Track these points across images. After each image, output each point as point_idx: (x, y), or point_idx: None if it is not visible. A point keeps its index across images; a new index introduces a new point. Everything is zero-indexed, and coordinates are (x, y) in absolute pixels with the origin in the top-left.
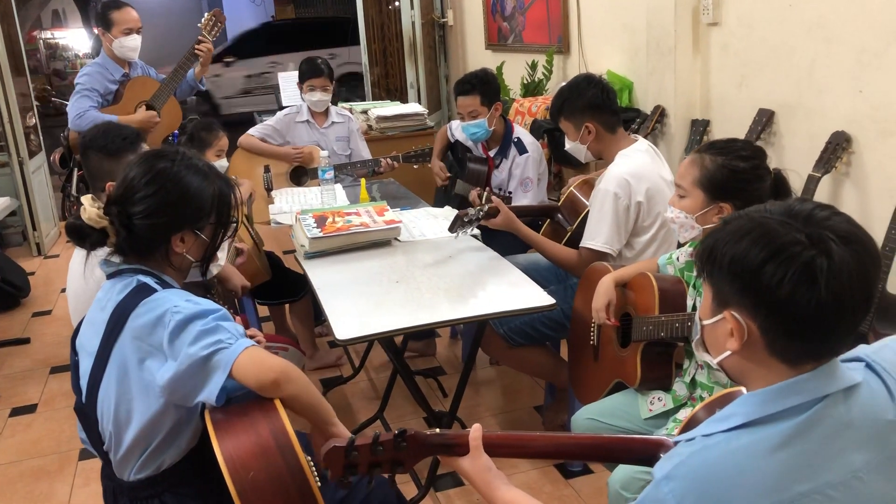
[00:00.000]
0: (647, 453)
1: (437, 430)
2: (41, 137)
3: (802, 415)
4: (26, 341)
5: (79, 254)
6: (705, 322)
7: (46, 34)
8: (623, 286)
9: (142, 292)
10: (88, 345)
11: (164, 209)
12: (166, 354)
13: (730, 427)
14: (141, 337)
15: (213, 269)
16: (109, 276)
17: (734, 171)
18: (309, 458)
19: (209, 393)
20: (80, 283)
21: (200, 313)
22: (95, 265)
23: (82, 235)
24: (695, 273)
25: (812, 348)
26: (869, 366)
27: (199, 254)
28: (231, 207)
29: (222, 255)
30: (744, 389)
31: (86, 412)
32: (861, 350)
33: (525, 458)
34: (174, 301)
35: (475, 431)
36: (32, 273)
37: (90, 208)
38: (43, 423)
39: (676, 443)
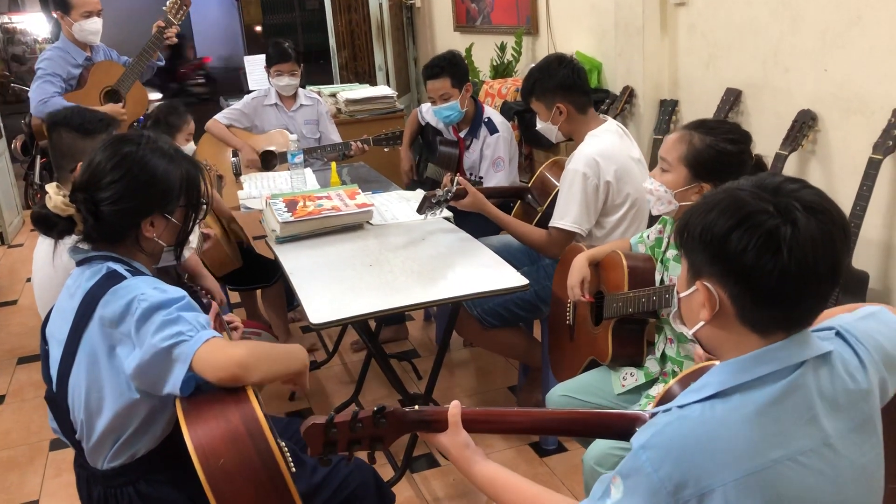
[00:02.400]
0: (623, 427)
1: (416, 406)
2: (0, 125)
3: (776, 383)
4: None
5: (44, 242)
6: (681, 294)
7: (3, 18)
8: (596, 265)
9: (111, 279)
10: (58, 333)
11: (132, 194)
12: (134, 342)
13: (704, 397)
14: (110, 324)
15: (186, 253)
16: (79, 264)
17: (721, 153)
18: (283, 443)
19: (172, 385)
20: (48, 272)
21: (165, 302)
22: (63, 252)
23: (49, 224)
24: (662, 248)
25: (781, 317)
26: (840, 334)
27: (171, 238)
28: (200, 189)
29: (194, 238)
30: (716, 363)
31: (56, 401)
32: (837, 320)
33: (503, 434)
34: (142, 288)
35: (454, 408)
36: None
37: (55, 196)
38: (11, 414)
39: (653, 415)
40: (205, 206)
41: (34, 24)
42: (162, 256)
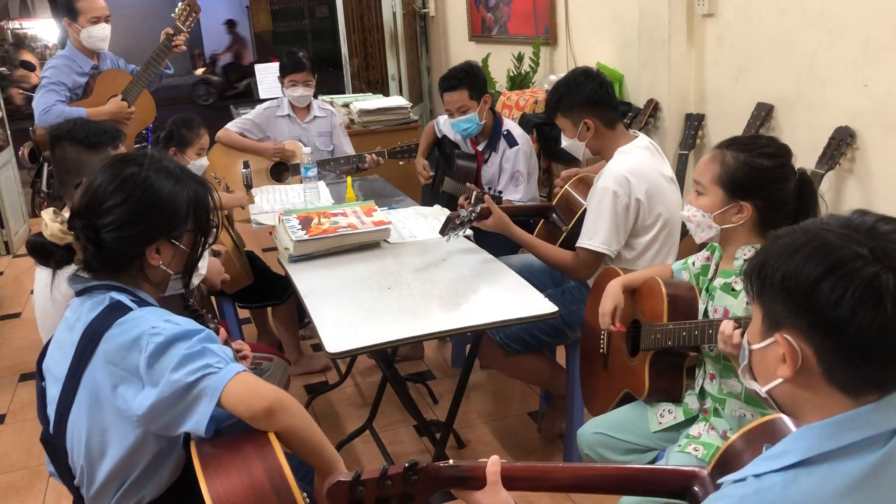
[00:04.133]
0: (679, 486)
1: (451, 461)
2: (8, 131)
3: (872, 454)
4: None
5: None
6: (754, 346)
7: (14, 24)
8: (633, 292)
9: (115, 311)
10: (56, 369)
11: (136, 219)
12: (143, 380)
13: (784, 465)
14: (115, 361)
15: (195, 280)
16: (78, 294)
17: (757, 169)
18: (305, 494)
19: (197, 423)
20: (48, 302)
21: (183, 335)
22: (61, 282)
23: (45, 253)
24: (709, 276)
25: (876, 376)
26: None
27: (178, 265)
28: (209, 211)
29: (203, 264)
30: (784, 417)
31: (54, 444)
32: None
33: (545, 492)
34: (152, 321)
35: (493, 465)
36: (1, 273)
37: (52, 224)
38: (11, 434)
39: (719, 483)
40: (215, 230)
41: (45, 30)
42: (169, 285)
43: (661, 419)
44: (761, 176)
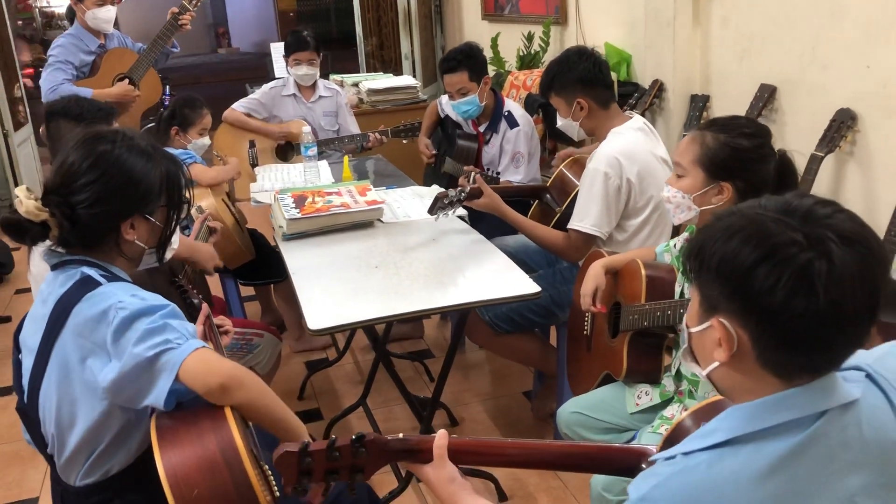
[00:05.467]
0: (627, 464)
1: (400, 434)
2: (27, 108)
3: (795, 435)
4: (7, 320)
5: None
6: (692, 329)
7: (42, 1)
8: (615, 274)
9: (85, 285)
10: (30, 341)
11: (110, 195)
12: (110, 353)
13: (712, 444)
14: (83, 334)
15: (168, 254)
16: (53, 268)
17: (736, 150)
18: (267, 466)
19: (156, 397)
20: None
21: (147, 310)
22: (37, 257)
23: (20, 230)
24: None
25: (809, 361)
26: (870, 377)
27: (152, 240)
28: (182, 188)
29: (175, 238)
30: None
31: (28, 413)
32: (861, 358)
33: (495, 467)
34: (119, 296)
35: (440, 439)
36: (17, 248)
37: (27, 201)
38: None
39: (652, 460)
40: (187, 205)
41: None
42: (143, 259)
43: (639, 400)
44: (741, 156)
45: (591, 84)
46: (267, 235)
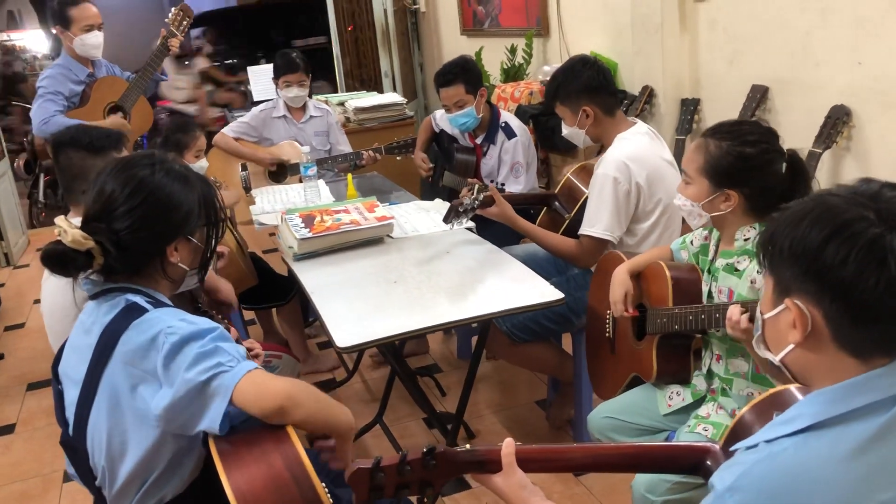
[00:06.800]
0: (692, 461)
1: (468, 446)
2: (3, 144)
3: (881, 416)
4: (0, 357)
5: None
6: (766, 315)
7: (3, 36)
8: (637, 276)
9: (132, 313)
10: (73, 373)
11: (154, 220)
12: (161, 380)
13: (795, 430)
14: (133, 362)
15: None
16: (92, 297)
17: (741, 157)
18: (324, 485)
19: (210, 421)
20: (59, 309)
21: (197, 334)
22: (77, 285)
23: (65, 261)
24: (709, 257)
25: (883, 338)
26: None
27: (194, 261)
28: (217, 207)
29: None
30: (792, 388)
31: (74, 446)
32: None
33: (561, 472)
34: (168, 321)
35: (507, 447)
36: (2, 285)
37: (72, 230)
38: (23, 443)
39: (731, 450)
40: (223, 223)
41: (33, 41)
42: (185, 281)
43: (671, 401)
44: (745, 164)
45: (596, 92)
46: (268, 260)
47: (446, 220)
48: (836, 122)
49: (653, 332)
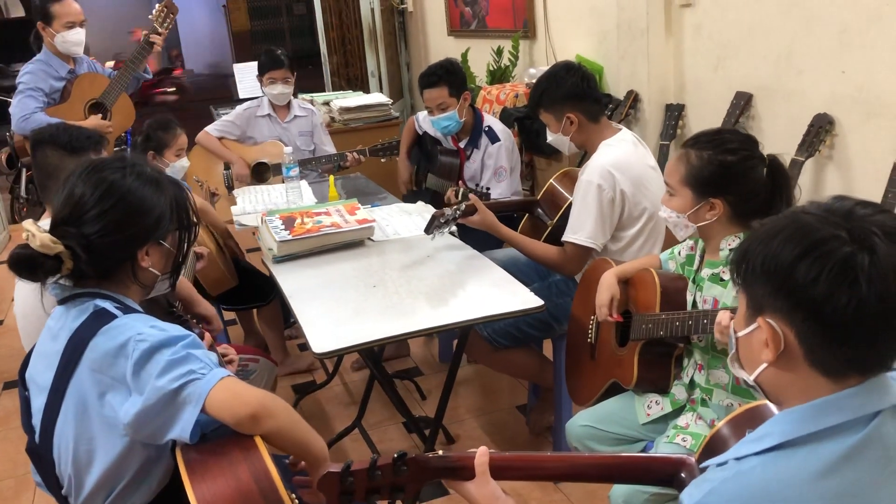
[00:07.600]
0: (667, 473)
1: (440, 452)
2: None
3: (852, 436)
4: None
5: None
6: (739, 333)
7: None
8: (625, 282)
9: (100, 318)
10: (40, 379)
11: (125, 224)
12: (130, 387)
13: (764, 448)
14: (101, 369)
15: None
16: (61, 302)
17: (722, 165)
18: (293, 494)
19: (181, 430)
20: (31, 311)
21: (168, 341)
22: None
23: (33, 266)
24: (695, 267)
25: (856, 358)
26: None
27: (165, 265)
28: (189, 211)
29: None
30: (769, 403)
31: (40, 453)
32: None
33: (536, 481)
34: (138, 328)
35: (481, 455)
36: None
37: (40, 234)
38: None
39: (703, 467)
40: (196, 228)
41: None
42: (156, 286)
43: (649, 410)
44: (727, 172)
45: (580, 99)
46: (250, 259)
47: (428, 230)
48: (819, 131)
49: (637, 337)
